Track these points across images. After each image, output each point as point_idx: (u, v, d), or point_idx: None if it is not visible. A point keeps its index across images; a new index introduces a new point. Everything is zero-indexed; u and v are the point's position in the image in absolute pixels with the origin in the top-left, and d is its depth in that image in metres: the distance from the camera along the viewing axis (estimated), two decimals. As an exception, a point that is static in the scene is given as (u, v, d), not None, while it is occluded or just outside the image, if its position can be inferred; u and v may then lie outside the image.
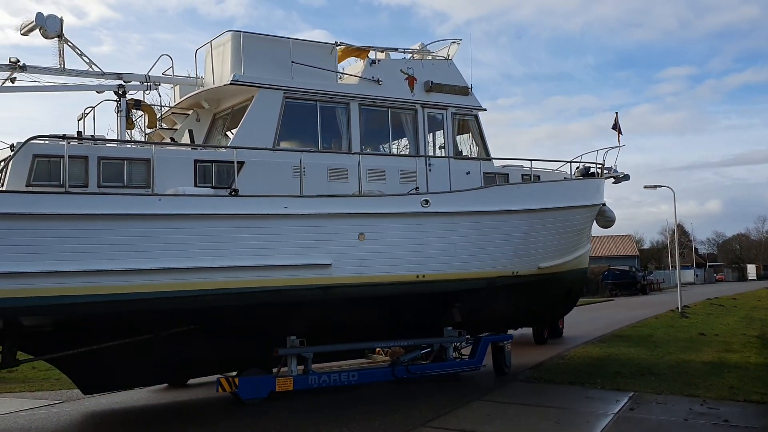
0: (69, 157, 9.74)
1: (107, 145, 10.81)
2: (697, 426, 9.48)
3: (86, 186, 9.96)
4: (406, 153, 14.03)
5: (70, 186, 9.66)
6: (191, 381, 13.86)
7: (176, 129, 13.44)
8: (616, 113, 16.80)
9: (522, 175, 14.80)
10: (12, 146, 9.81)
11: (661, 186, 34.58)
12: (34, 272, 8.95)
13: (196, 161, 11.00)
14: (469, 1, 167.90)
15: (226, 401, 12.12)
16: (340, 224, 11.25)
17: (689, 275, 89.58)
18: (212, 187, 10.94)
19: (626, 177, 16.86)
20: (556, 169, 16.02)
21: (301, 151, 11.90)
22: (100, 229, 9.37)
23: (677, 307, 31.94)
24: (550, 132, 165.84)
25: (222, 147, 12.03)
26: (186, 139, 12.91)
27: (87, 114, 12.46)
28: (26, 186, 9.62)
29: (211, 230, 10.13)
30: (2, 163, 10.08)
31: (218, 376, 11.48)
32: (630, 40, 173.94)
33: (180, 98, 13.50)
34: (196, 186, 10.82)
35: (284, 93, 12.06)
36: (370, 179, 12.34)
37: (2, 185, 9.62)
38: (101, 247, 9.35)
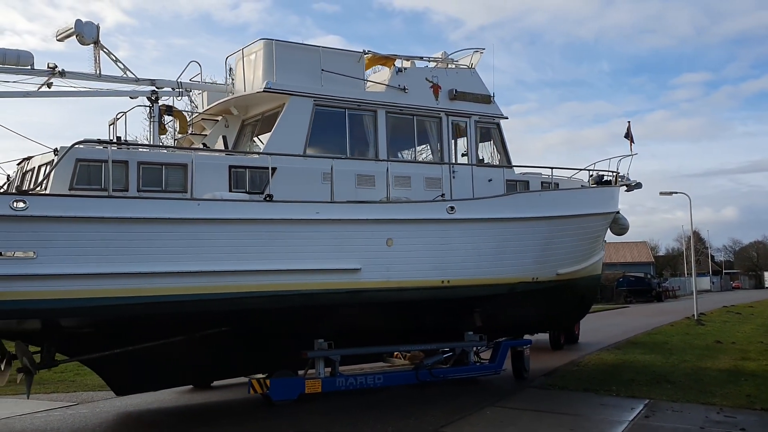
0: (113, 162, 9.94)
1: (141, 149, 11.10)
2: (713, 434, 9.39)
3: (126, 190, 10.17)
4: (424, 160, 14.17)
5: (105, 189, 9.85)
6: (215, 383, 14.00)
7: (206, 134, 13.60)
8: (629, 122, 16.91)
9: (541, 182, 15.00)
10: (55, 151, 9.96)
11: (677, 192, 34.33)
12: (75, 274, 9.09)
13: (230, 167, 11.22)
14: (483, 7, 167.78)
15: (244, 402, 12.16)
16: (369, 230, 11.45)
17: (705, 283, 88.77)
18: (246, 192, 11.17)
19: (639, 185, 16.85)
20: (571, 177, 16.14)
21: (332, 157, 12.06)
22: (142, 233, 9.55)
23: (693, 315, 31.64)
24: (564, 138, 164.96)
25: (255, 153, 12.18)
26: (219, 145, 13.15)
27: (119, 119, 12.70)
28: (69, 190, 9.82)
29: (247, 234, 10.33)
30: (45, 167, 10.30)
31: (249, 377, 11.68)
32: (645, 47, 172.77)
33: (208, 104, 13.71)
34: (230, 191, 11.01)
35: (314, 100, 12.25)
36: (396, 186, 12.51)
37: (45, 189, 9.79)
38: (142, 250, 9.53)
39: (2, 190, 11.26)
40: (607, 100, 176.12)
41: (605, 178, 16.18)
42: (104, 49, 11.69)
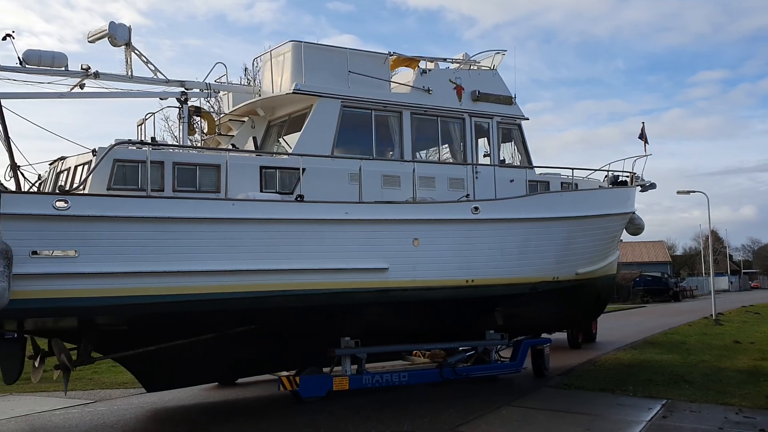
0: (149, 162, 10.09)
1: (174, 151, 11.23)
2: (732, 435, 9.31)
3: (162, 190, 10.34)
4: (446, 160, 14.29)
5: (143, 189, 10.03)
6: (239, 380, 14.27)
7: (232, 135, 13.74)
8: (642, 123, 16.97)
9: (561, 183, 15.18)
10: (93, 151, 10.12)
11: (694, 191, 34.06)
12: (115, 273, 9.23)
13: (261, 167, 11.39)
14: (497, 6, 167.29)
15: (262, 400, 12.23)
16: (397, 230, 11.58)
17: (723, 282, 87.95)
18: (276, 192, 11.36)
19: (653, 185, 16.94)
20: (586, 177, 16.21)
21: (360, 158, 12.21)
22: (179, 232, 9.70)
23: (711, 315, 31.37)
24: (579, 137, 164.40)
25: (286, 154, 12.31)
26: (250, 146, 13.33)
27: (147, 119, 12.89)
28: (106, 189, 9.99)
29: (279, 234, 10.47)
30: (82, 167, 10.47)
31: (279, 375, 11.91)
32: (661, 44, 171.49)
33: (233, 105, 13.88)
34: (261, 191, 11.19)
35: (342, 102, 12.41)
36: (421, 186, 12.62)
37: (84, 188, 9.92)
38: (179, 249, 9.67)
39: (35, 190, 11.35)
40: (622, 99, 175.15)
41: (620, 178, 16.22)
42: (135, 51, 11.82)
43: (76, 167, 10.76)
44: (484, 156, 14.46)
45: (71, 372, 10.45)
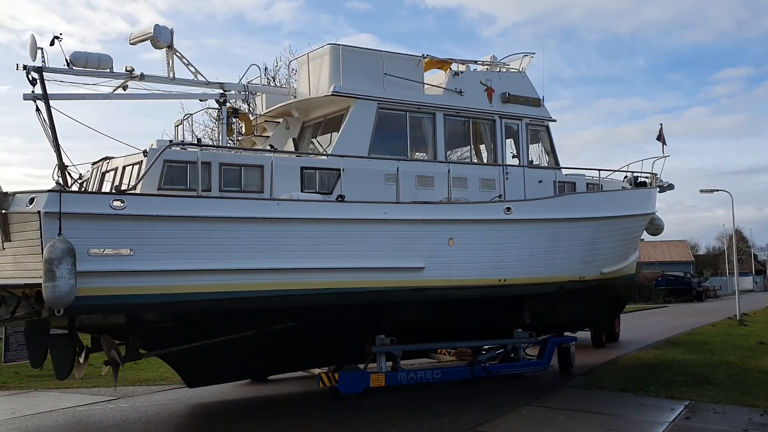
0: (194, 163, 10.34)
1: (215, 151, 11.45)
2: (757, 437, 9.18)
3: (209, 190, 10.56)
4: (465, 161, 14.49)
5: (192, 189, 10.27)
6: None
7: (268, 136, 13.92)
8: (661, 125, 17.28)
9: (587, 183, 15.41)
10: (144, 152, 10.35)
11: (717, 190, 33.70)
12: (168, 270, 9.40)
13: (302, 168, 11.60)
14: (516, 4, 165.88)
15: (280, 398, 12.27)
16: (433, 229, 11.75)
17: (748, 282, 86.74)
18: (315, 192, 11.58)
19: (671, 186, 17.21)
20: (606, 177, 16.32)
21: (398, 159, 12.37)
22: (228, 231, 9.86)
23: (735, 315, 31.01)
24: (599, 135, 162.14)
25: (325, 154, 12.50)
26: (289, 147, 13.54)
27: (185, 120, 13.15)
28: (157, 189, 10.22)
29: (321, 233, 10.65)
30: (132, 168, 10.73)
31: (311, 371, 12.16)
32: (683, 41, 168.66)
33: (267, 107, 14.13)
34: (302, 191, 11.39)
35: (378, 103, 12.64)
36: (454, 187, 12.78)
37: (136, 188, 10.09)
38: (228, 248, 9.83)
39: (80, 189, 11.56)
40: (644, 97, 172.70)
41: (640, 179, 16.41)
42: (177, 53, 12.01)
43: (124, 167, 10.97)
44: (513, 157, 14.66)
45: (120, 367, 10.62)
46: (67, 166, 10.87)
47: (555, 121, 15.09)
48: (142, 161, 10.37)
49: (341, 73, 12.45)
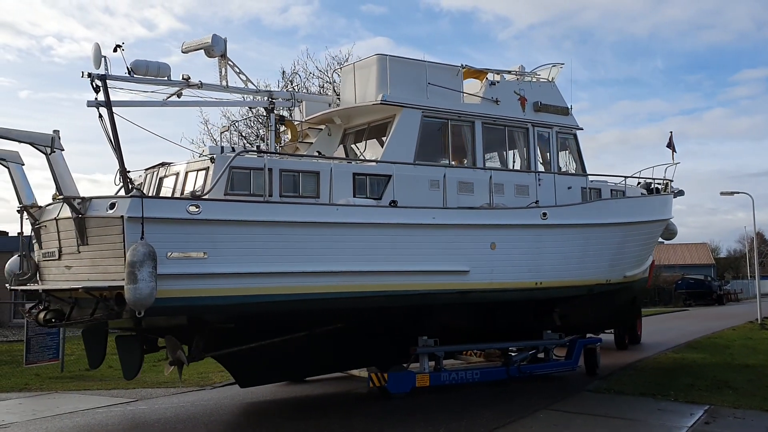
0: (257, 169, 10.70)
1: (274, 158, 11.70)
2: (778, 442, 9.07)
3: (270, 195, 10.80)
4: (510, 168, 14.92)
5: (256, 195, 10.58)
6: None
7: (311, 142, 14.24)
8: (671, 132, 17.97)
9: (611, 190, 15.88)
10: (212, 159, 10.65)
11: (738, 192, 33.38)
12: (240, 273, 9.74)
13: (354, 174, 11.87)
14: (532, 6, 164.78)
15: (291, 402, 12.31)
16: (477, 234, 12.23)
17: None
18: (366, 198, 11.87)
19: (681, 192, 17.82)
20: (619, 183, 16.65)
21: (445, 166, 12.95)
22: (292, 235, 10.26)
23: (756, 319, 30.64)
24: (617, 137, 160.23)
25: (375, 161, 12.76)
26: (340, 154, 13.89)
27: (229, 128, 13.03)
28: (224, 195, 10.49)
29: (375, 237, 11.07)
30: (196, 174, 11.02)
31: (357, 372, 12.80)
32: (701, 43, 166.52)
33: (308, 113, 14.46)
34: (354, 197, 11.69)
35: (422, 112, 12.99)
36: (493, 193, 13.20)
37: (204, 193, 10.38)
38: (292, 251, 10.21)
39: (137, 193, 11.76)
40: (662, 99, 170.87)
41: (653, 185, 16.95)
42: (230, 62, 12.24)
43: (187, 173, 11.26)
44: (542, 164, 15.08)
45: (184, 366, 10.84)
46: (129, 171, 11.08)
47: (582, 129, 15.60)
48: (209, 167, 10.69)
49: (388, 83, 12.81)
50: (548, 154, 14.83)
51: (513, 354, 14.11)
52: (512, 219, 12.81)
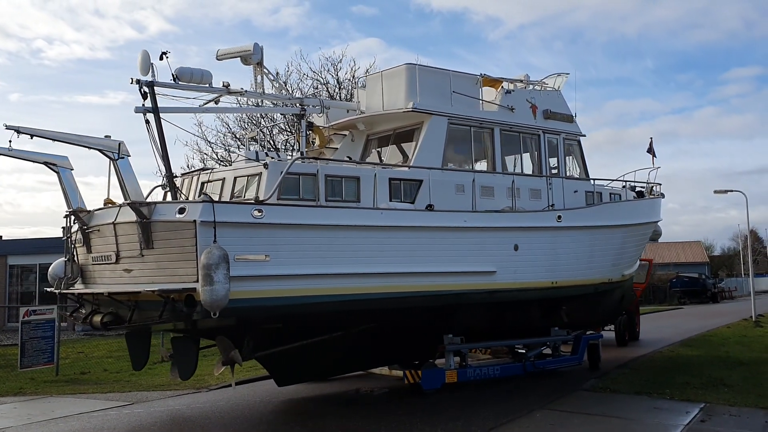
0: (306, 174, 11.17)
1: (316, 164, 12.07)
2: (773, 440, 9.10)
3: (317, 200, 11.21)
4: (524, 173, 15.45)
5: (304, 199, 11.00)
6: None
7: (336, 148, 14.65)
8: (650, 138, 19.04)
9: (610, 193, 16.74)
10: (265, 165, 11.04)
11: (732, 191, 33.45)
12: (297, 275, 10.10)
13: (390, 179, 12.26)
14: (522, 6, 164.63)
15: (287, 404, 12.30)
16: (502, 236, 12.96)
17: (764, 283, 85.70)
18: (400, 202, 12.31)
19: (662, 195, 18.70)
20: (607, 185, 17.36)
21: (474, 171, 13.65)
22: (343, 238, 10.71)
23: (751, 316, 30.73)
24: (609, 137, 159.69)
25: (405, 166, 13.15)
26: (374, 159, 14.37)
27: (256, 135, 13.12)
28: (277, 199, 10.72)
29: (414, 240, 11.58)
30: (246, 179, 11.42)
31: (378, 371, 13.29)
32: (691, 42, 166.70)
33: (330, 119, 14.78)
34: (390, 201, 12.07)
35: (449, 119, 13.49)
36: (509, 196, 13.83)
37: (258, 198, 10.72)
38: (343, 254, 10.66)
39: (183, 199, 11.88)
40: (653, 98, 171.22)
41: (637, 188, 17.93)
42: (265, 69, 12.50)
43: (235, 178, 11.62)
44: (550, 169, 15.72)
45: (235, 366, 10.89)
46: (176, 176, 11.34)
47: (585, 135, 16.31)
48: (261, 173, 11.06)
49: (418, 91, 13.20)
50: (556, 159, 15.49)
51: (520, 350, 14.81)
52: (532, 222, 13.59)
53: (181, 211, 9.41)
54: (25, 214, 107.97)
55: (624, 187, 17.66)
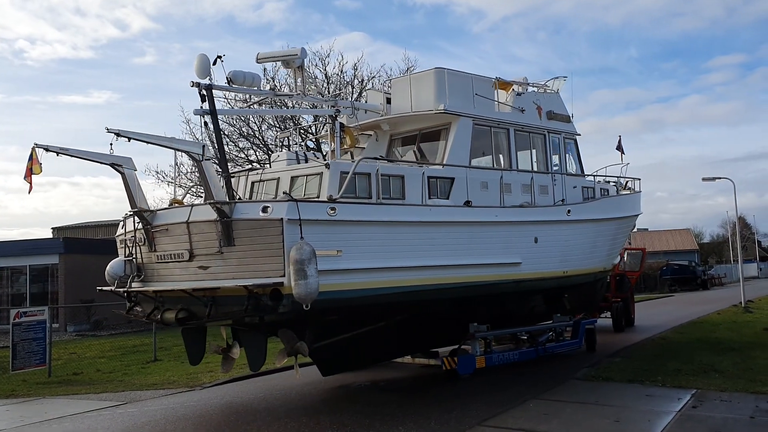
0: (361, 174, 11.59)
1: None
2: (764, 424, 9.19)
3: (370, 197, 11.70)
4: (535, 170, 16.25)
5: (360, 197, 11.50)
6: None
7: (362, 147, 15.28)
8: (620, 136, 20.39)
9: (600, 188, 17.68)
10: (327, 165, 11.54)
11: (720, 178, 33.64)
12: (364, 269, 10.68)
13: (428, 177, 12.77)
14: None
15: (279, 398, 12.31)
16: (525, 230, 13.92)
17: (752, 269, 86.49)
18: (437, 198, 12.79)
19: (638, 191, 20.01)
20: (597, 181, 18.22)
21: (501, 170, 14.42)
22: (401, 234, 11.35)
23: (740, 302, 30.99)
24: (595, 127, 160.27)
25: (439, 164, 13.55)
26: (410, 158, 14.63)
27: (290, 134, 13.14)
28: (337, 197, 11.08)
29: (457, 234, 12.32)
30: (305, 178, 11.93)
31: (442, 356, 13.86)
32: (674, 30, 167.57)
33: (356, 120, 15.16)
34: (429, 198, 12.62)
35: (473, 120, 14.22)
36: (524, 192, 14.75)
37: (319, 196, 11.29)
38: (401, 248, 11.27)
39: (239, 199, 12.11)
40: (638, 87, 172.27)
41: (611, 183, 18.98)
42: (306, 72, 12.87)
43: (292, 178, 12.19)
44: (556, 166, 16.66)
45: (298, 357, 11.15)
46: (233, 176, 11.59)
47: (580, 135, 17.37)
48: (322, 173, 11.55)
49: (447, 93, 13.85)
50: (558, 156, 16.41)
51: (523, 337, 15.70)
52: (549, 215, 14.61)
53: (265, 209, 9.83)
54: (13, 215, 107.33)
55: (609, 182, 18.67)
